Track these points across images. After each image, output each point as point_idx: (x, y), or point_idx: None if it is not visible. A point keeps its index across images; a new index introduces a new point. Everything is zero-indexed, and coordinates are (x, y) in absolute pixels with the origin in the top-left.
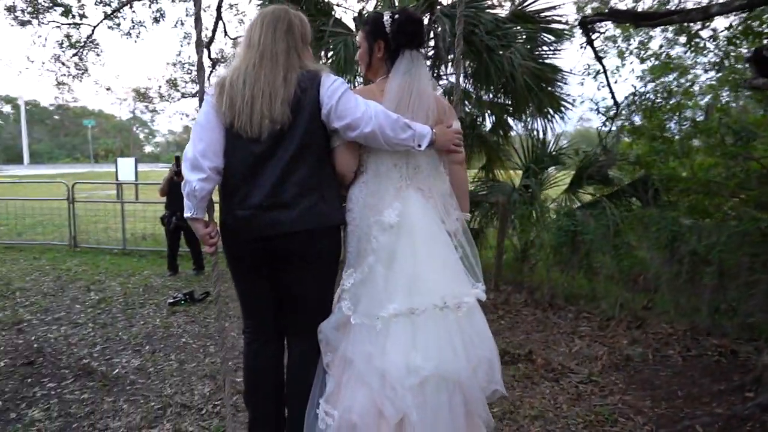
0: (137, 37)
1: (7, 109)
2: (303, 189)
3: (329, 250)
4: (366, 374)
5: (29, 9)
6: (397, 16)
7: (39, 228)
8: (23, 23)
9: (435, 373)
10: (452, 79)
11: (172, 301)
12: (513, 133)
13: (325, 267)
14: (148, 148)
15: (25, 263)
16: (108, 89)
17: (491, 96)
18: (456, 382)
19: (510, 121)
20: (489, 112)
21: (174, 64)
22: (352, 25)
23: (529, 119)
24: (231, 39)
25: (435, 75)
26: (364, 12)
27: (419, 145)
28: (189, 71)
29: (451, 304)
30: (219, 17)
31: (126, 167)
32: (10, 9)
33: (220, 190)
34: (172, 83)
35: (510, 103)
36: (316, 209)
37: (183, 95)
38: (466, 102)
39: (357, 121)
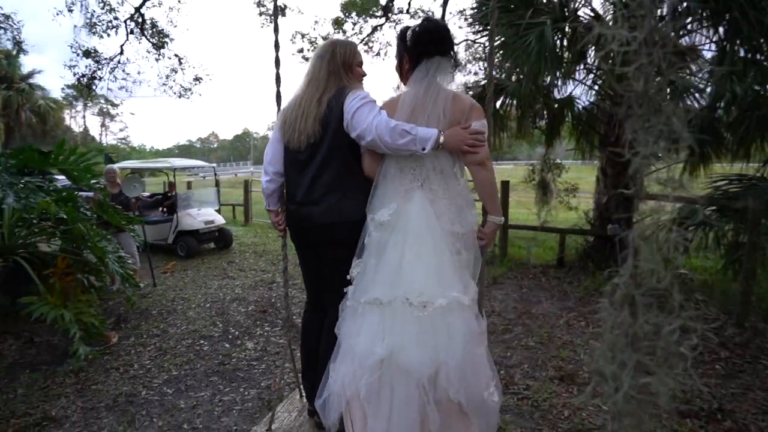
0: (385, 55)
1: None
2: (329, 189)
3: (349, 240)
4: (345, 350)
5: (311, 48)
6: (417, 29)
7: None
8: (306, 59)
9: (389, 360)
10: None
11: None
12: None
13: (345, 253)
14: None
15: None
16: None
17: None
18: (416, 378)
19: None
20: None
21: None
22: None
23: None
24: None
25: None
26: None
27: (423, 149)
28: None
29: (416, 302)
30: None
31: None
32: (300, 50)
33: None
34: None
35: None
36: (338, 206)
37: None
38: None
39: (363, 132)
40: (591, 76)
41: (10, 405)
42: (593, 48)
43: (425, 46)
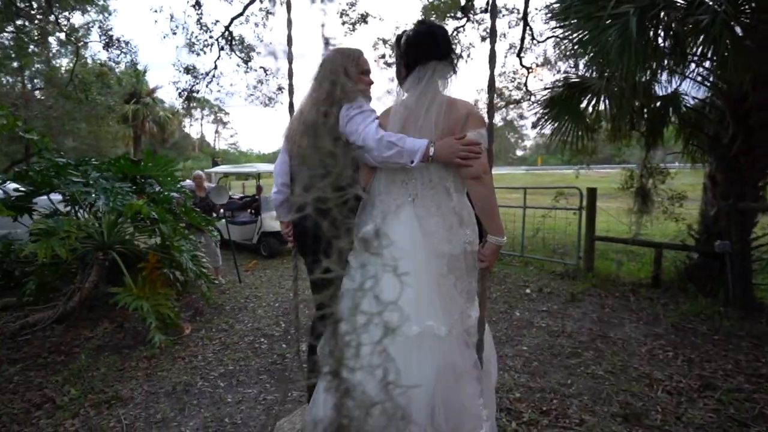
0: (468, 57)
1: None
2: None
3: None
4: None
5: (393, 53)
6: (410, 33)
7: None
8: (389, 65)
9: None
10: None
11: None
12: None
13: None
14: (519, 152)
15: None
16: None
17: None
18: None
19: None
20: None
21: (499, 75)
22: None
23: None
24: (539, 42)
25: None
26: None
27: (411, 161)
28: (512, 79)
29: None
30: (526, 23)
31: None
32: (382, 56)
33: None
34: (497, 93)
35: None
36: None
37: (507, 104)
38: None
39: (352, 143)
40: (695, 69)
41: (92, 382)
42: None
43: (418, 50)
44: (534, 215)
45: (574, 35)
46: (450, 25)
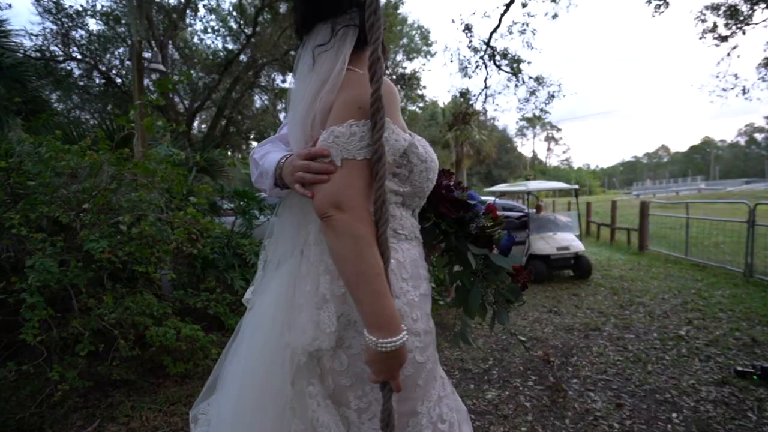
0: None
1: None
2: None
3: None
4: None
5: (728, 23)
6: None
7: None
8: (723, 38)
9: None
10: None
11: (740, 369)
12: None
13: None
14: None
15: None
16: None
17: None
18: None
19: None
20: None
21: None
22: None
23: None
24: None
25: None
26: None
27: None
28: None
29: None
30: None
31: None
32: (712, 29)
33: None
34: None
35: None
36: None
37: None
38: None
39: None
40: None
41: None
42: None
43: (299, 13)
44: None
45: None
46: None
